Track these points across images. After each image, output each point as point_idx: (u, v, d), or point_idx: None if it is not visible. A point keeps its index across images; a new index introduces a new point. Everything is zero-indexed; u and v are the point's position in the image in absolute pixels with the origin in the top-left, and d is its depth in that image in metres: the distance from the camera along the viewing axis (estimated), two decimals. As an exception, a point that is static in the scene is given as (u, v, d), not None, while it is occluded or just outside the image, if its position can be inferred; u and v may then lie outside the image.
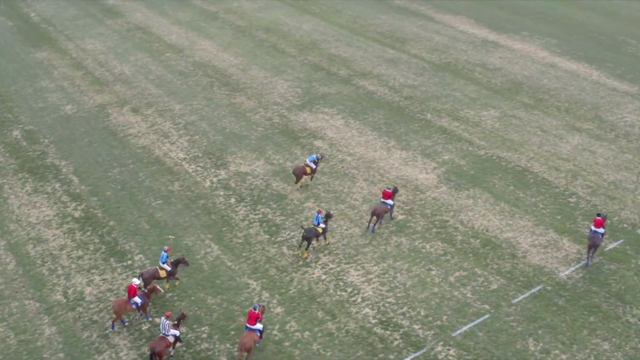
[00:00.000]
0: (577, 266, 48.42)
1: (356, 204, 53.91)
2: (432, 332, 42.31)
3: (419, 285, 45.94)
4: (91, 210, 53.06)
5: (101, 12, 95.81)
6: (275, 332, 42.02)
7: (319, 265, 47.27)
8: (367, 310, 43.75)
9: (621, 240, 51.67)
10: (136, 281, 42.30)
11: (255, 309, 40.07)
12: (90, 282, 45.83)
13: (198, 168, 58.37)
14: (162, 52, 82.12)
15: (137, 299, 41.91)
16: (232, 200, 54.08)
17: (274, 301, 44.13)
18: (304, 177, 56.41)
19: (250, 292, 44.93)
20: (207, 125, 65.31)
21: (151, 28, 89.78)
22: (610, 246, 50.85)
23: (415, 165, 59.69)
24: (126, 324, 42.71)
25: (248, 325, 40.17)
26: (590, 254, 49.08)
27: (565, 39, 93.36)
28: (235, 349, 40.96)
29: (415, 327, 42.61)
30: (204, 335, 41.78)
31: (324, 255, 48.10)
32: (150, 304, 43.82)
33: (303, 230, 49.07)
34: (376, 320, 42.96)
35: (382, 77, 76.75)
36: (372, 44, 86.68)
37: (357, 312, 43.53)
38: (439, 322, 43.05)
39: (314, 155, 56.51)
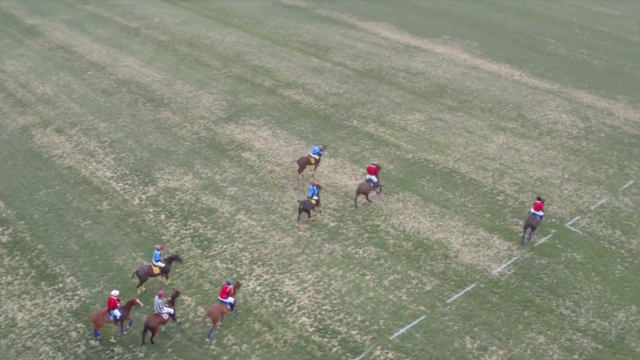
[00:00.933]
0: (508, 263, 49.13)
1: (287, 213, 53.84)
2: (370, 336, 42.44)
3: (354, 291, 46.07)
4: (19, 234, 51.98)
5: (20, 32, 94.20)
6: (213, 346, 41.69)
7: (253, 277, 47.07)
8: (303, 319, 43.69)
9: (550, 235, 52.61)
10: (115, 293, 41.79)
11: (228, 283, 42.50)
12: (22, 308, 44.87)
13: (126, 186, 57.68)
14: (84, 70, 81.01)
15: (116, 312, 41.53)
16: (162, 216, 53.56)
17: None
18: (308, 166, 59.08)
19: (185, 308, 44.48)
20: (133, 142, 64.62)
21: (72, 47, 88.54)
22: (540, 241, 51.73)
23: (344, 172, 59.90)
24: (99, 337, 42.06)
25: (220, 298, 42.46)
26: (526, 234, 52.06)
27: (486, 41, 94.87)
28: (202, 317, 42.84)
29: (353, 332, 42.69)
30: (141, 355, 41.22)
31: (258, 267, 47.92)
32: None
33: (299, 203, 52.19)
34: (313, 329, 42.93)
35: (307, 86, 76.94)
36: (296, 53, 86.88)
37: (294, 322, 43.44)
38: (376, 326, 43.20)
39: (317, 147, 58.87)
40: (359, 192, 54.63)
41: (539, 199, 52.59)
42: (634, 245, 52.33)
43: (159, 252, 46.05)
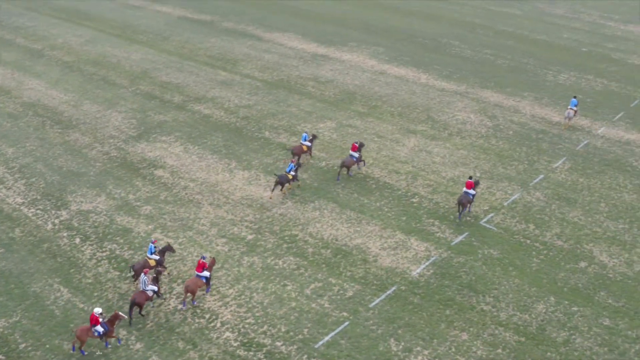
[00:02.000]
0: (427, 263, 49.64)
1: (204, 229, 53.42)
2: (295, 346, 42.33)
3: (277, 302, 45.93)
4: None
5: None
6: (136, 368, 41.08)
7: (174, 295, 46.52)
8: (227, 334, 43.35)
9: (466, 233, 53.38)
10: (98, 310, 41.18)
11: (203, 258, 45.84)
12: None
13: (38, 211, 56.41)
14: (-13, 96, 79.19)
15: (98, 328, 41.13)
16: (77, 240, 52.53)
17: (132, 338, 43.05)
18: (302, 154, 63.24)
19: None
20: (43, 166, 63.30)
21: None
22: (457, 240, 52.44)
23: (259, 184, 59.75)
24: (85, 354, 41.02)
25: (196, 272, 45.62)
26: (460, 211, 55.15)
27: (392, 47, 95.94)
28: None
29: (278, 344, 42.53)
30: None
31: (178, 285, 47.39)
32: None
33: (276, 176, 57.72)
34: (238, 343, 42.62)
35: (216, 100, 76.58)
36: (204, 67, 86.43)
37: (217, 338, 43.05)
38: (300, 336, 43.12)
39: (305, 134, 63.33)
40: (342, 165, 59.94)
41: (470, 177, 56.07)
42: (547, 237, 53.50)
43: (153, 245, 47.73)
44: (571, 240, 53.47)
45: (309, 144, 63.42)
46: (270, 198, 57.40)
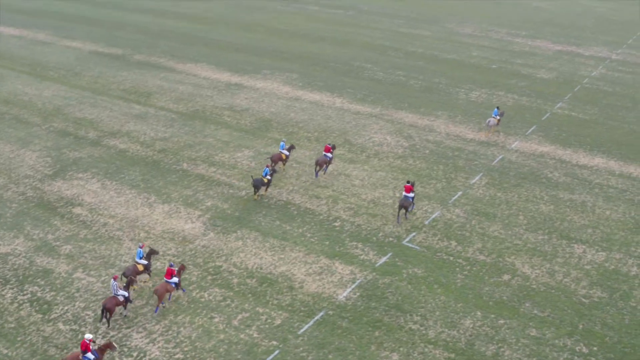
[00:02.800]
0: (353, 286, 49.70)
1: (126, 265, 52.58)
2: (225, 379, 41.88)
3: (205, 336, 45.38)
4: None
5: None
6: (63, 412, 40.04)
7: (99, 335, 45.60)
8: (155, 370, 42.66)
9: (390, 254, 53.67)
10: (88, 336, 40.36)
11: (171, 265, 47.58)
12: None
13: (-48, 257, 54.85)
14: None
15: (89, 355, 40.55)
16: (-5, 284, 51.19)
17: (57, 380, 42.09)
18: (280, 162, 66.72)
19: (29, 377, 42.61)
20: (-46, 210, 61.66)
21: None
22: (381, 261, 52.66)
23: (180, 217, 59.16)
24: None
25: (165, 278, 47.42)
26: (400, 214, 58.34)
27: (305, 72, 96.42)
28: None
29: (207, 377, 42.01)
30: None
31: (103, 324, 46.48)
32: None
33: (252, 180, 61.24)
34: (167, 379, 41.97)
35: (132, 133, 75.73)
36: (117, 101, 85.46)
37: (146, 375, 42.34)
38: (230, 368, 42.70)
39: (282, 143, 67.12)
40: (317, 163, 64.87)
41: (408, 182, 58.87)
42: (470, 253, 54.15)
43: (142, 250, 49.79)
44: (493, 254, 54.24)
45: (287, 152, 66.74)
46: (258, 196, 61.72)
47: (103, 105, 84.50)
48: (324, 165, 66.03)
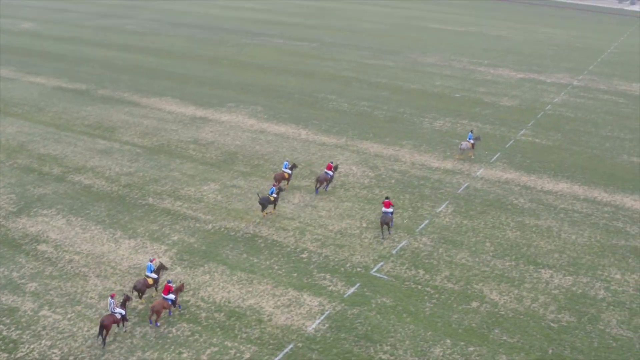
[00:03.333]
0: (322, 318, 49.51)
1: (93, 302, 51.98)
2: (194, 415, 41.40)
3: (173, 371, 44.94)
4: None
5: None
6: None
7: (65, 373, 45.05)
8: (123, 408, 42.10)
9: (358, 284, 53.59)
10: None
11: (169, 282, 49.31)
12: None
13: None
14: None
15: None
16: (-42, 324, 50.40)
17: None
18: (283, 181, 69.36)
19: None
20: None
21: None
22: (349, 291, 52.55)
23: (146, 252, 58.69)
24: None
25: (163, 294, 49.11)
26: (383, 230, 60.93)
27: (270, 105, 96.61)
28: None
29: (176, 414, 41.52)
30: None
31: (98, 341, 45.91)
32: None
33: (258, 197, 63.71)
34: (135, 417, 41.42)
35: (97, 169, 75.22)
36: (82, 137, 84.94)
37: (113, 413, 41.76)
38: (199, 404, 42.23)
39: (285, 162, 70.55)
40: (317, 180, 68.47)
41: (387, 198, 61.83)
42: (438, 281, 54.22)
43: (152, 264, 52.33)
44: (461, 282, 54.34)
45: (289, 171, 69.78)
46: (264, 215, 64.01)
47: (67, 140, 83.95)
48: (324, 183, 69.22)
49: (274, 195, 63.97)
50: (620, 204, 70.03)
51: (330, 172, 69.68)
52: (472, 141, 78.77)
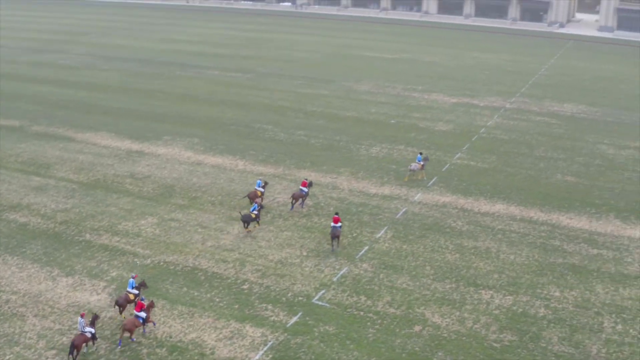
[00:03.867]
0: (265, 348, 49.31)
1: (31, 342, 50.97)
2: None
3: (115, 409, 44.28)
4: None
5: None
6: None
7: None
8: None
9: (300, 313, 53.53)
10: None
11: (142, 299, 51.02)
12: None
13: None
14: None
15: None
16: None
17: None
18: (257, 199, 70.19)
19: None
20: None
21: None
22: (291, 321, 52.48)
23: (85, 289, 57.85)
24: None
25: (135, 311, 50.41)
26: (333, 243, 63.92)
27: (206, 137, 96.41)
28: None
29: None
30: None
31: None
32: None
33: (241, 215, 67.46)
34: None
35: (32, 206, 74.01)
36: (16, 174, 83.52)
37: None
38: None
39: (259, 181, 73.54)
40: (293, 197, 72.34)
41: (336, 214, 65.02)
42: (380, 307, 54.41)
43: (134, 280, 53.92)
44: (403, 306, 54.61)
45: (262, 189, 72.34)
46: (248, 231, 67.02)
47: (1, 178, 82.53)
48: (300, 199, 72.49)
49: (255, 212, 66.59)
50: (556, 222, 71.17)
51: (305, 189, 72.85)
52: (421, 162, 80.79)
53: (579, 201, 76.82)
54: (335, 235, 63.35)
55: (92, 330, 48.49)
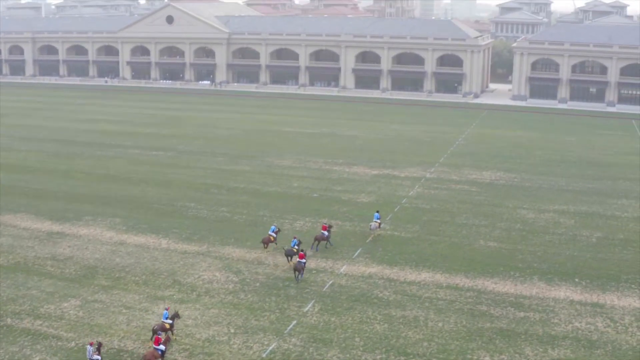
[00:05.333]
0: None
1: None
2: None
3: None
4: None
5: None
6: None
7: None
8: None
9: (229, 392, 52.68)
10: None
11: (159, 334, 55.76)
12: None
13: None
14: None
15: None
16: None
17: None
18: (270, 243, 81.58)
19: None
20: None
21: None
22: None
23: (6, 376, 56.17)
24: None
25: (154, 345, 55.11)
26: (296, 275, 72.64)
27: (128, 216, 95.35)
28: None
29: None
30: None
31: None
32: None
33: (284, 250, 77.78)
34: None
35: (-52, 294, 71.86)
36: None
37: None
38: None
39: (273, 227, 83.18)
40: (315, 239, 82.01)
41: (302, 250, 74.50)
42: (309, 382, 53.84)
43: (167, 312, 60.18)
44: (333, 380, 54.14)
45: (274, 235, 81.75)
46: (290, 265, 76.07)
47: None
48: (321, 241, 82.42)
49: (296, 247, 76.51)
50: (482, 287, 71.93)
51: (326, 232, 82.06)
52: (378, 221, 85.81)
53: (503, 266, 77.90)
54: (297, 269, 72.79)
55: (99, 358, 53.94)
